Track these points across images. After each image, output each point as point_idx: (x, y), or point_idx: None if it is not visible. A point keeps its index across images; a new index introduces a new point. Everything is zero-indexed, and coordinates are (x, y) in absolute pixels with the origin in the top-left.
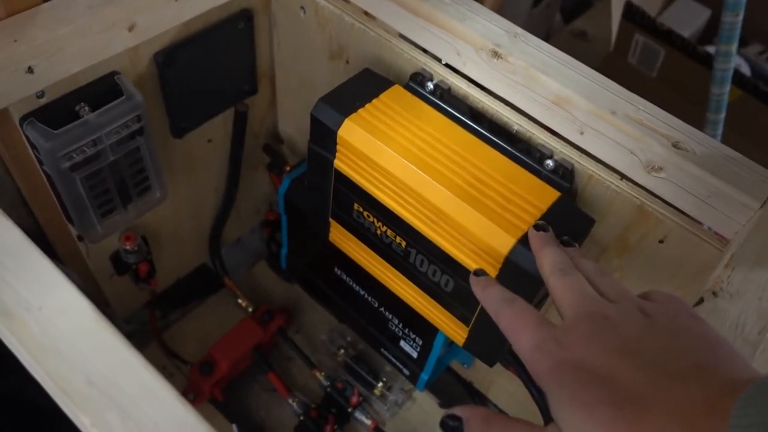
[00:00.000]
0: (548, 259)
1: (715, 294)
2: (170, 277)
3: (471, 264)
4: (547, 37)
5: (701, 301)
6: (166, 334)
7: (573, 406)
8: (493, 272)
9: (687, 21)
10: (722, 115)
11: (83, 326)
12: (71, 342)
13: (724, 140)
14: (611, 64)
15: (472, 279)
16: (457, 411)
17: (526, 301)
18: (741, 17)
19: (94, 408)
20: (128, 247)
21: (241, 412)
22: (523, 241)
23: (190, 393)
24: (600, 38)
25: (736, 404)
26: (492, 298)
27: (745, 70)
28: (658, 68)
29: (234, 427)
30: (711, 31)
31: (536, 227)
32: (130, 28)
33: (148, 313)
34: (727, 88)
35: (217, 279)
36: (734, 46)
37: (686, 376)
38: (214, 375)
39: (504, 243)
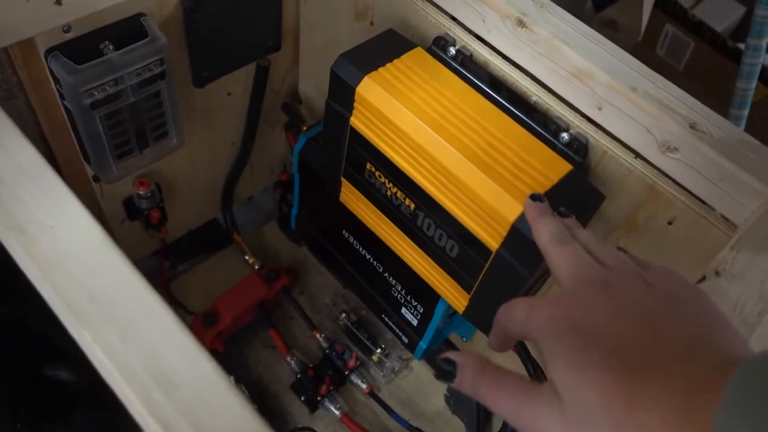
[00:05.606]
0: (545, 228)
1: (717, 273)
2: (181, 228)
3: (477, 230)
4: None
5: (702, 279)
6: (173, 284)
7: (568, 366)
8: (498, 239)
9: (720, 16)
10: (746, 112)
11: (91, 246)
12: (78, 260)
13: None
14: (639, 55)
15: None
16: (452, 355)
17: (529, 271)
18: None
19: (96, 324)
20: (141, 192)
21: (240, 366)
22: None
23: None
24: (630, 29)
25: (730, 382)
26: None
27: None
28: (686, 61)
29: (232, 379)
30: (744, 29)
31: (532, 197)
32: None
33: (157, 261)
34: (754, 83)
35: (227, 235)
36: (765, 41)
37: (684, 348)
38: (216, 326)
39: (512, 210)
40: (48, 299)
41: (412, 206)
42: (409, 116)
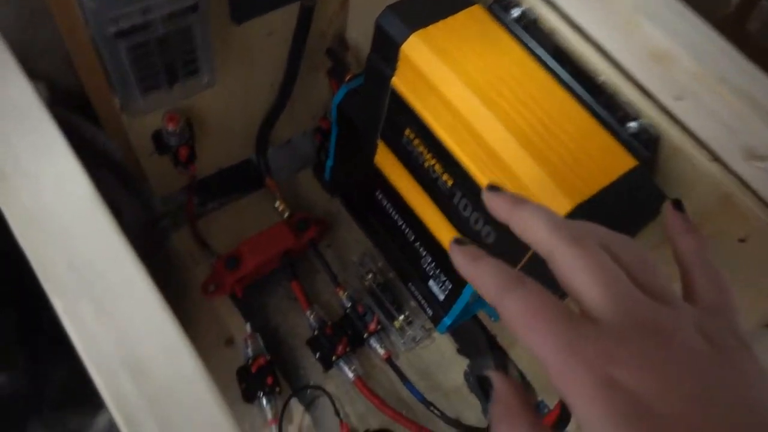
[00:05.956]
0: (536, 221)
1: None
2: (212, 166)
3: None
4: None
5: None
6: (200, 222)
7: None
8: None
9: None
10: None
11: (77, 202)
12: (60, 220)
13: None
14: (726, 29)
15: (453, 247)
16: (493, 377)
17: None
18: None
19: (70, 294)
20: (170, 129)
21: (258, 313)
22: (583, 208)
23: (212, 284)
24: None
25: None
26: (489, 276)
27: None
28: None
29: (248, 325)
30: None
31: (489, 188)
32: None
33: (186, 197)
34: None
35: (260, 177)
36: None
37: None
38: (238, 271)
39: (560, 206)
40: (27, 255)
41: (450, 182)
42: (457, 84)
